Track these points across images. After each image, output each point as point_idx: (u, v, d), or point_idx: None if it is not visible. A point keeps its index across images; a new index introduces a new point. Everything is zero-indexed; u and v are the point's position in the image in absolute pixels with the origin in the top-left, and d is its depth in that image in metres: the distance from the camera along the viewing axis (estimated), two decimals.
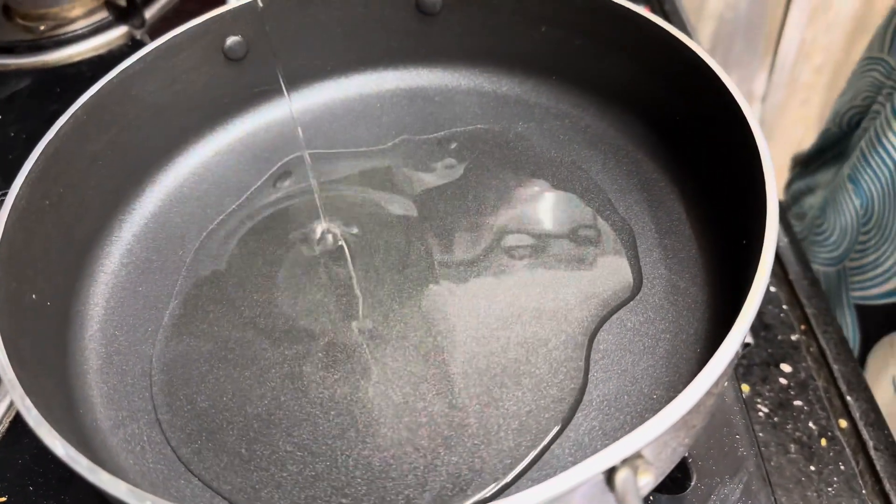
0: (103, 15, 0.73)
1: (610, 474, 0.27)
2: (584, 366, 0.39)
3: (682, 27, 0.74)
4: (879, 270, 0.62)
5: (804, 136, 1.52)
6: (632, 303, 0.42)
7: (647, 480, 0.27)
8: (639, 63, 0.48)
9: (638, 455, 0.27)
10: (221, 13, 0.49)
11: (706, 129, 0.44)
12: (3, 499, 0.41)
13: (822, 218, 0.70)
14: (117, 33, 0.72)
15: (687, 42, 0.43)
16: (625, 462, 0.27)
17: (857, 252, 0.65)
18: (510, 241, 0.46)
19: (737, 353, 0.30)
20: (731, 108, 0.40)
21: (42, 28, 0.72)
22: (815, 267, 0.68)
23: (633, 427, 0.37)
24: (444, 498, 0.35)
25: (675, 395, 0.38)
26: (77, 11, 0.73)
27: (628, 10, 0.46)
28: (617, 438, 0.36)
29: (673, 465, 0.33)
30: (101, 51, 0.71)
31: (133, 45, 0.72)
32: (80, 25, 0.72)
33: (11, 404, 0.45)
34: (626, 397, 0.38)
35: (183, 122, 0.51)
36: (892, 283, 0.62)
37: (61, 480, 0.41)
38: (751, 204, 0.37)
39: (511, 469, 0.36)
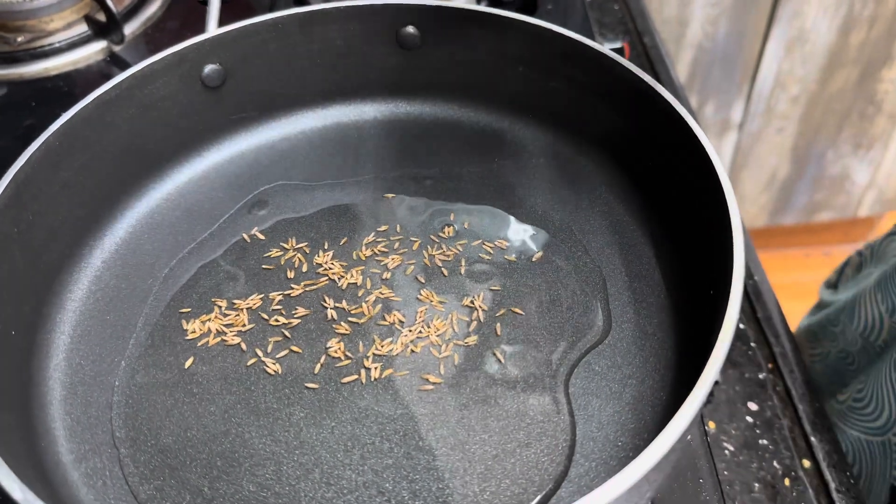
0: (82, 29, 0.71)
1: None
2: (568, 409, 0.39)
3: (661, 62, 0.75)
4: None
5: (779, 164, 1.54)
6: (600, 346, 0.42)
7: None
8: (613, 107, 0.48)
9: None
10: (200, 41, 0.49)
11: (677, 176, 0.44)
12: None
13: (864, 384, 0.64)
14: (96, 48, 0.70)
15: (660, 90, 0.43)
16: None
17: None
18: (480, 276, 0.46)
19: (697, 413, 0.30)
20: (701, 158, 0.40)
21: (19, 40, 0.70)
22: (857, 435, 0.63)
23: (597, 474, 0.37)
24: None
25: (640, 443, 0.38)
26: (56, 24, 0.71)
27: (603, 55, 0.46)
28: (581, 485, 0.37)
29: None
30: (79, 65, 0.69)
31: (112, 60, 0.71)
32: (58, 39, 0.70)
33: None
34: (591, 443, 0.38)
35: (157, 149, 0.50)
36: None
37: None
38: (718, 256, 0.37)
39: None
